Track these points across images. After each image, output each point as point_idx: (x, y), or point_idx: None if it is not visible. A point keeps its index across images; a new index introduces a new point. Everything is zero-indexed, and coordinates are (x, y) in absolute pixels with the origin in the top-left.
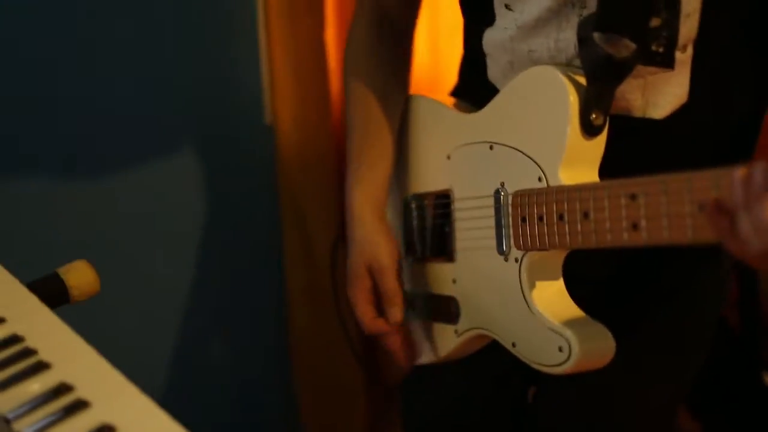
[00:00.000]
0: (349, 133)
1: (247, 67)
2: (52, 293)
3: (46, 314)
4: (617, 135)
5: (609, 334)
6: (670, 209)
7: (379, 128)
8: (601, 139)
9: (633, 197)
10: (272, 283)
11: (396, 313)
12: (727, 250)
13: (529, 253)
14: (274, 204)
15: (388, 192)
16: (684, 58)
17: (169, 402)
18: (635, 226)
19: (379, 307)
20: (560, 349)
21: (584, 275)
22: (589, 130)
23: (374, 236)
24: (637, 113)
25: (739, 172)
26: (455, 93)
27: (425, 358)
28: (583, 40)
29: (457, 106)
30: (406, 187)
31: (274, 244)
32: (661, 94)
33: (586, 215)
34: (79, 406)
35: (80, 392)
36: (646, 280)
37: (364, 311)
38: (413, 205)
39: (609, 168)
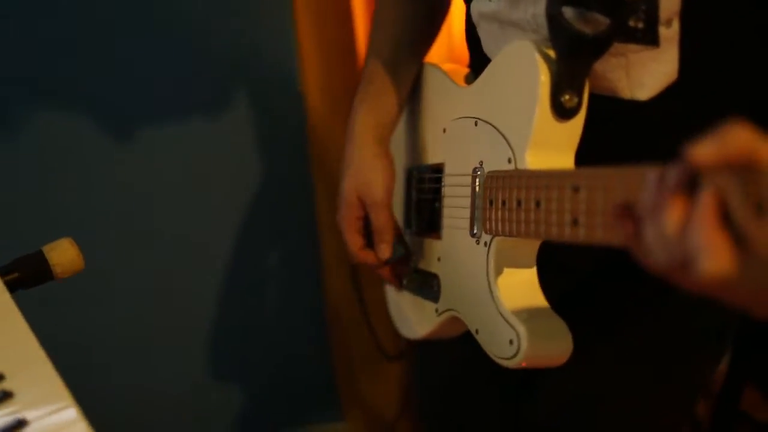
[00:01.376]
0: (366, 61)
1: (280, 34)
2: (36, 270)
3: (5, 299)
4: (602, 117)
5: (567, 334)
6: (606, 206)
7: (396, 62)
8: (577, 122)
9: (576, 190)
10: (308, 248)
11: (384, 249)
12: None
13: (498, 239)
14: (308, 172)
15: (394, 124)
16: (670, 33)
17: (215, 360)
18: (575, 222)
19: (369, 237)
20: (510, 342)
21: (570, 264)
22: (561, 112)
23: (372, 162)
24: (624, 94)
25: (651, 173)
26: (469, 64)
27: (410, 333)
28: (552, 16)
29: (465, 78)
30: (410, 158)
31: (309, 210)
32: (648, 72)
33: (537, 204)
34: (4, 397)
35: (8, 383)
36: (638, 273)
37: (353, 240)
38: (414, 177)
39: (594, 154)
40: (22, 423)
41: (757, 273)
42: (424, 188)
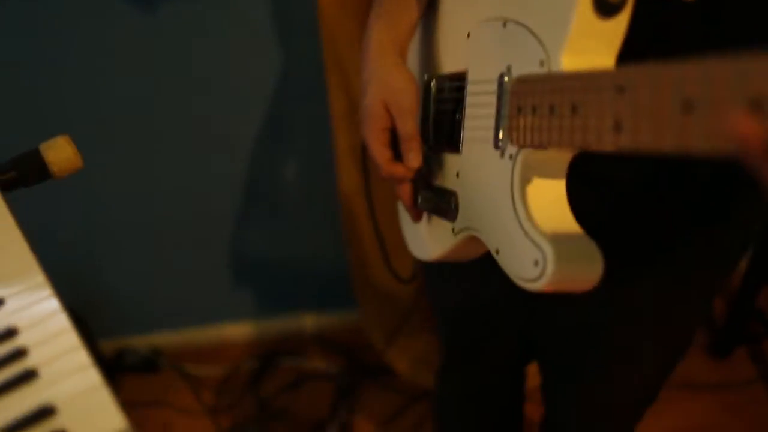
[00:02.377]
0: None
1: None
2: (33, 169)
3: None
4: (646, 16)
5: (598, 256)
6: (654, 107)
7: None
8: (621, 21)
9: (620, 90)
10: (321, 143)
11: (413, 157)
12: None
13: (525, 151)
14: (320, 62)
15: (411, 36)
16: None
17: (231, 252)
18: (618, 127)
19: (396, 150)
20: (535, 263)
21: (605, 175)
22: (604, 8)
23: (395, 73)
24: None
25: None
26: None
27: (423, 254)
28: None
29: None
30: (429, 67)
31: (323, 107)
32: None
33: (574, 109)
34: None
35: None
36: (677, 187)
37: (381, 153)
38: (432, 87)
39: (639, 57)
40: (12, 332)
41: None
42: (444, 98)
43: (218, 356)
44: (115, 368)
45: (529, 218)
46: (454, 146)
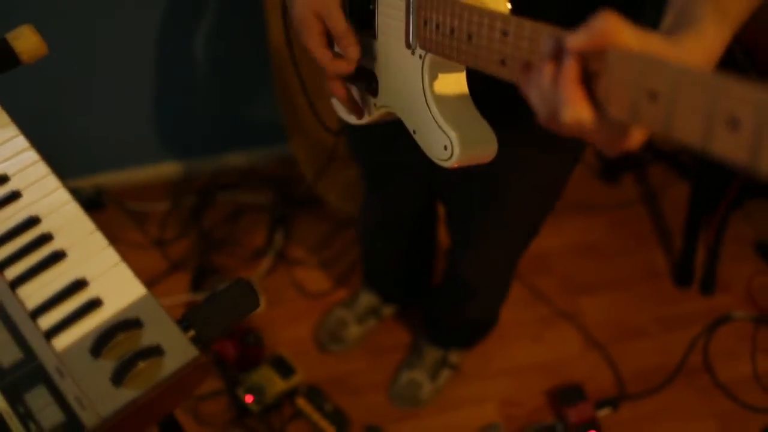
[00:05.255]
0: None
1: None
2: (4, 57)
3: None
4: None
5: (493, 137)
6: (528, 55)
7: None
8: None
9: (504, 33)
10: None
11: (352, 51)
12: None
13: (432, 54)
14: None
15: None
16: None
17: (174, 96)
18: (503, 62)
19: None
20: (445, 147)
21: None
22: None
23: None
24: None
25: (548, 40)
26: None
27: (350, 118)
28: None
29: None
30: None
31: None
32: None
33: (470, 37)
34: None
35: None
36: None
37: (322, 54)
38: None
39: None
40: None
41: (607, 126)
42: None
43: (159, 193)
44: None
45: (438, 109)
46: (372, 33)
